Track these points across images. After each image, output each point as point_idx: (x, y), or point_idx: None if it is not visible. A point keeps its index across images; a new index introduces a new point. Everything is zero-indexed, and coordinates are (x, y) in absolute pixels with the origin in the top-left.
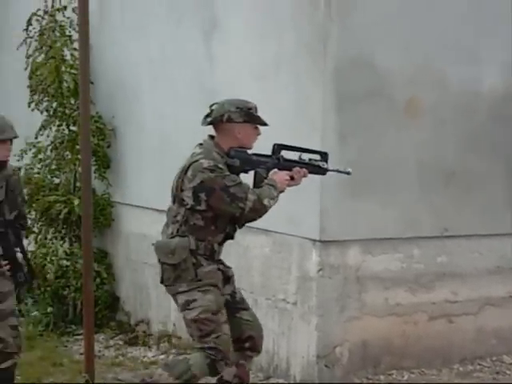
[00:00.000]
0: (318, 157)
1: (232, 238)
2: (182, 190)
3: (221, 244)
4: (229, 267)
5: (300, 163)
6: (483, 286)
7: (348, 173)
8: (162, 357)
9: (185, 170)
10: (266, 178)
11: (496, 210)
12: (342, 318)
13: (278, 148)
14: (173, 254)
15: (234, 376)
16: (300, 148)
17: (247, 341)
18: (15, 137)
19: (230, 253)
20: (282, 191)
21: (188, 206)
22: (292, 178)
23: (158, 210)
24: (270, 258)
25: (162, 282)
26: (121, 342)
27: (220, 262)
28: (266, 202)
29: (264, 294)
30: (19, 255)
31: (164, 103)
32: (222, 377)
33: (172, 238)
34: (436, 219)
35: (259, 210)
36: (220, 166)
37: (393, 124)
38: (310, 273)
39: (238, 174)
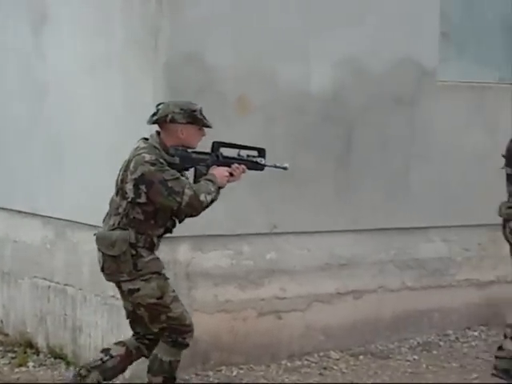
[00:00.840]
0: (255, 153)
1: (170, 231)
2: (126, 183)
3: (160, 237)
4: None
5: (238, 160)
6: (312, 283)
7: (285, 168)
8: None
9: (128, 163)
10: (205, 175)
11: (325, 208)
12: None
13: (216, 145)
14: (113, 246)
15: (118, 355)
16: (238, 145)
17: (150, 341)
18: None
19: (60, 248)
20: (221, 187)
21: (129, 199)
22: (231, 175)
23: None
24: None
25: (102, 271)
26: None
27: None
28: (202, 197)
29: (93, 290)
30: None
31: None
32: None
33: (113, 229)
34: (266, 216)
35: (196, 205)
36: (161, 160)
37: (224, 120)
38: None
39: (179, 172)
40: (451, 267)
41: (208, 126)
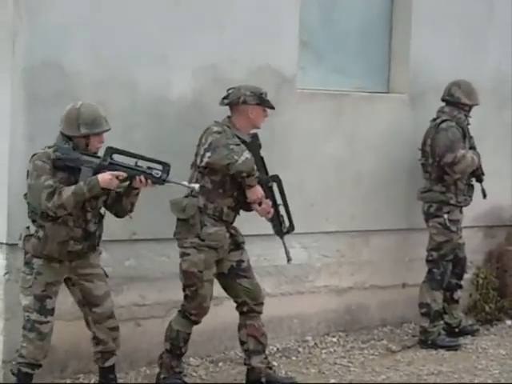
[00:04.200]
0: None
1: (244, 209)
2: (198, 155)
3: (233, 209)
4: (240, 234)
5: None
6: (170, 290)
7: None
8: None
9: (201, 138)
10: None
11: None
12: None
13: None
14: (183, 210)
15: (247, 336)
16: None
17: (243, 305)
18: (109, 129)
19: None
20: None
21: (198, 169)
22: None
23: None
24: None
25: (174, 235)
26: None
27: (233, 227)
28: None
29: None
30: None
31: None
32: (240, 338)
33: (186, 197)
34: (125, 222)
35: (251, 166)
36: (228, 132)
37: None
38: None
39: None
40: (310, 273)
41: (272, 108)
